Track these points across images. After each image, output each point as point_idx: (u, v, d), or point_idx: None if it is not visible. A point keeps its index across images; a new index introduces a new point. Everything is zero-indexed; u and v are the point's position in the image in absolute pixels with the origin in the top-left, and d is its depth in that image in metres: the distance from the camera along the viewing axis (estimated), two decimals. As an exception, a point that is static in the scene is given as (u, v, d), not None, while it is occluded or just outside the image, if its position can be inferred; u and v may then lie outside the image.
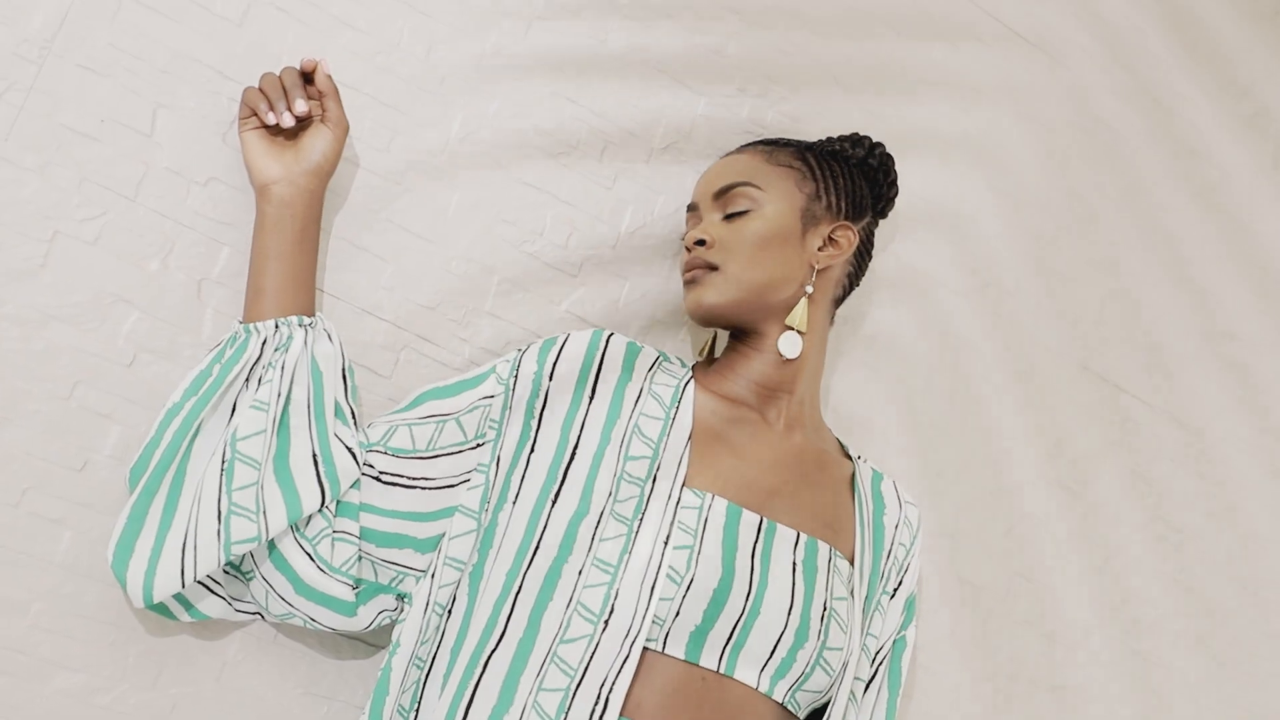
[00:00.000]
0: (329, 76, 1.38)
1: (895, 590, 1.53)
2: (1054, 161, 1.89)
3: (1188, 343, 1.98)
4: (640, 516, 1.33)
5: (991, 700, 1.78)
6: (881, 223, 1.65)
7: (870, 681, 1.51)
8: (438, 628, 1.36)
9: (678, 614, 1.30)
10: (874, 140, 1.59)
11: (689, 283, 1.48)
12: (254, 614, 1.38)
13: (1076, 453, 1.88)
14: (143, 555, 1.27)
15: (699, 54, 1.65)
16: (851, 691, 1.47)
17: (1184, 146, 2.00)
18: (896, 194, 1.62)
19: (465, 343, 1.50)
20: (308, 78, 1.39)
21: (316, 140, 1.37)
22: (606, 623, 1.28)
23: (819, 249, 1.49)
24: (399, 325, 1.47)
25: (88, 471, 1.33)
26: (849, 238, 1.51)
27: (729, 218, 1.48)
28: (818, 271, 1.49)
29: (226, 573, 1.35)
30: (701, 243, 1.47)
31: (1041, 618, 1.83)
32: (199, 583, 1.33)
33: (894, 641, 1.55)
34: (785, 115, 1.70)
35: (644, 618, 1.28)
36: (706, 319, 1.48)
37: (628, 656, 1.27)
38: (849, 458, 1.55)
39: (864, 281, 1.71)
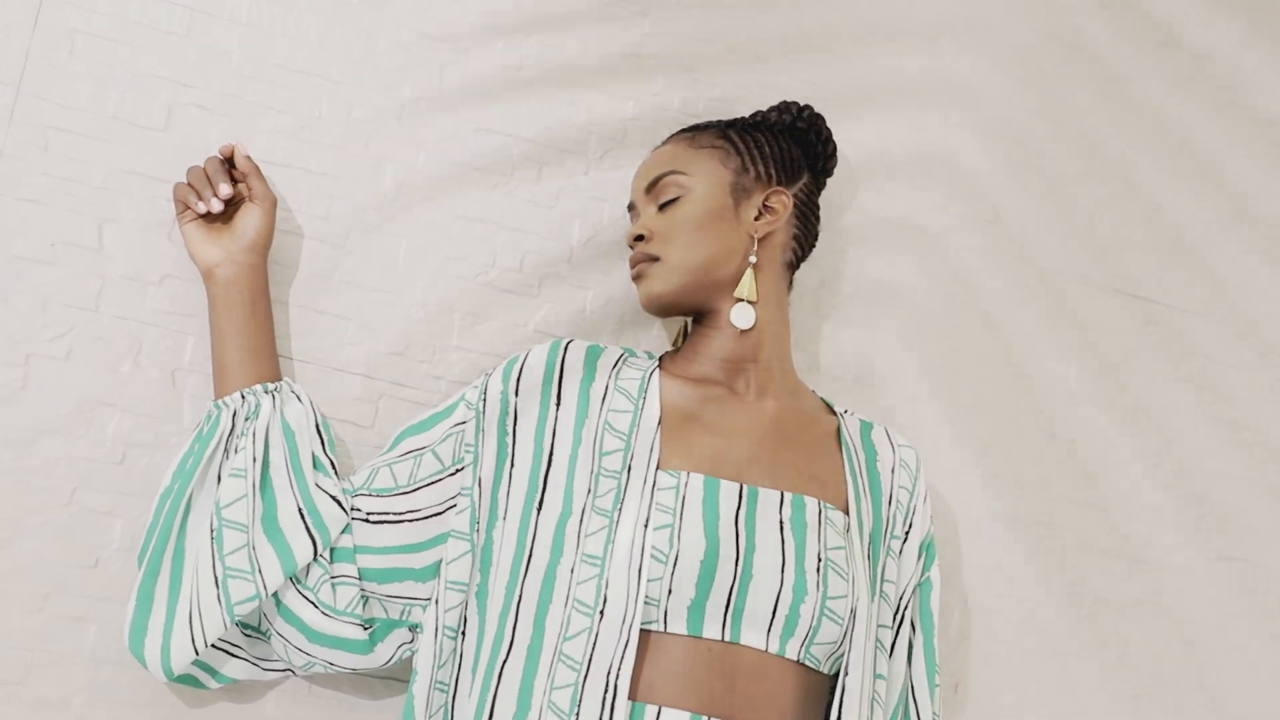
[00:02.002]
0: (247, 157, 1.47)
1: (907, 534, 1.53)
2: (1024, 82, 1.88)
3: (1198, 231, 1.94)
4: (619, 506, 1.37)
5: (1064, 625, 1.76)
6: (866, 179, 1.67)
7: (899, 627, 1.52)
8: (454, 650, 1.41)
9: (670, 591, 1.33)
10: (801, 104, 1.62)
11: (636, 278, 1.53)
12: (283, 670, 1.44)
13: (1104, 365, 1.86)
14: (156, 632, 1.35)
15: (617, 61, 1.70)
16: (879, 640, 1.48)
17: (1153, 39, 1.97)
18: (834, 150, 1.64)
19: (439, 379, 1.56)
20: (231, 163, 1.47)
21: (248, 218, 1.45)
22: (602, 613, 1.31)
23: (755, 218, 1.52)
24: (371, 376, 1.54)
25: (100, 567, 1.41)
26: (783, 202, 1.54)
27: (662, 208, 1.52)
28: (758, 240, 1.52)
29: (247, 635, 1.42)
30: (641, 238, 1.52)
31: (1098, 537, 1.80)
32: (219, 649, 1.40)
33: (918, 586, 1.55)
34: (717, 100, 1.73)
35: (636, 601, 1.31)
36: (659, 309, 1.52)
37: (628, 642, 1.30)
38: (834, 413, 1.57)
39: (861, 239, 1.74)
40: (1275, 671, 1.84)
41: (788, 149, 1.58)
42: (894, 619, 1.51)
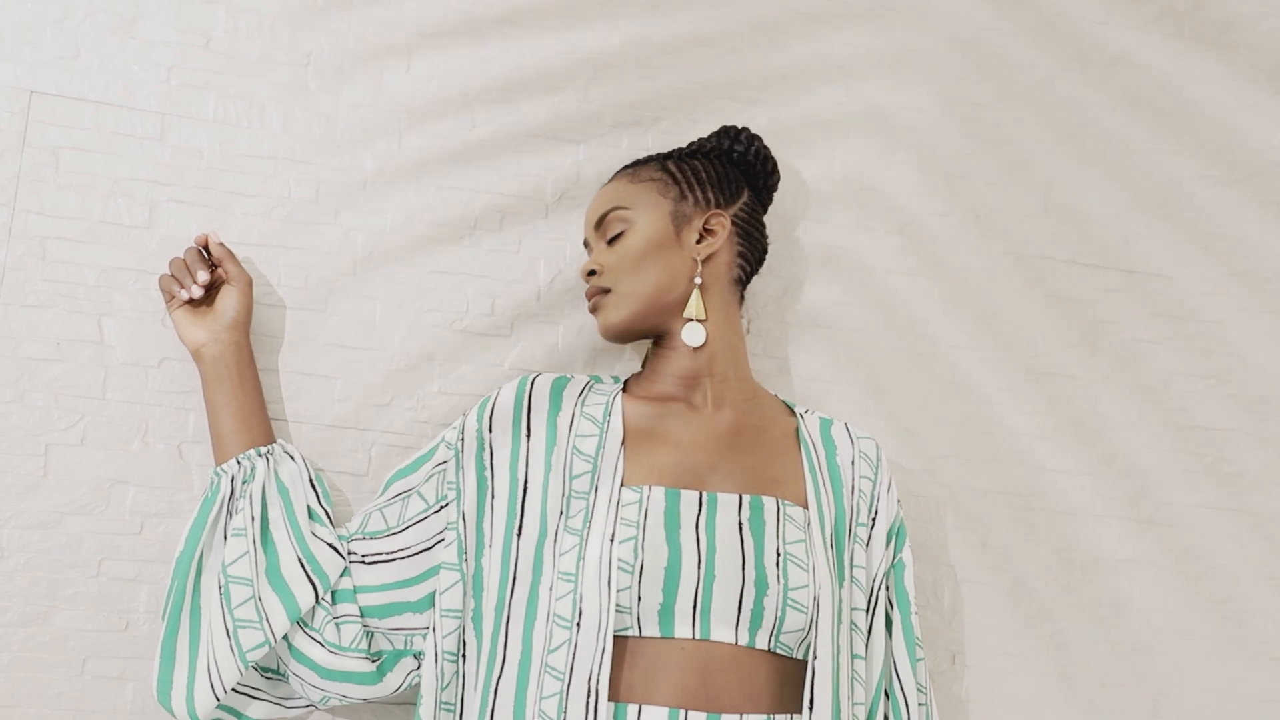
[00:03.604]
0: (220, 244, 1.61)
1: (873, 521, 1.62)
2: (945, 95, 1.96)
3: (1121, 201, 1.99)
4: (588, 524, 1.48)
5: (1057, 588, 1.83)
6: (817, 185, 1.77)
7: (874, 609, 1.60)
8: (456, 673, 1.53)
9: (640, 598, 1.43)
10: (738, 127, 1.73)
11: (593, 310, 1.64)
12: (305, 707, 1.58)
13: (1075, 336, 1.92)
14: (180, 684, 1.49)
15: (565, 108, 1.81)
16: (854, 623, 1.57)
17: (1054, 28, 2.04)
18: (774, 167, 1.74)
19: (425, 424, 1.69)
20: (207, 250, 1.61)
21: (227, 299, 1.59)
22: (579, 625, 1.43)
23: (697, 241, 1.63)
24: (362, 428, 1.67)
25: (131, 629, 1.56)
26: (721, 223, 1.64)
27: (610, 242, 1.64)
28: (701, 262, 1.62)
29: (267, 677, 1.56)
30: (593, 273, 1.63)
31: (1084, 501, 1.87)
32: (242, 693, 1.54)
33: (891, 568, 1.64)
34: (664, 134, 1.84)
35: (607, 611, 1.42)
36: (616, 336, 1.63)
37: (603, 649, 1.41)
38: (793, 414, 1.66)
39: (818, 243, 1.84)
40: (1272, 618, 1.89)
41: (724, 171, 1.68)
42: (868, 602, 1.60)
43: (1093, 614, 1.84)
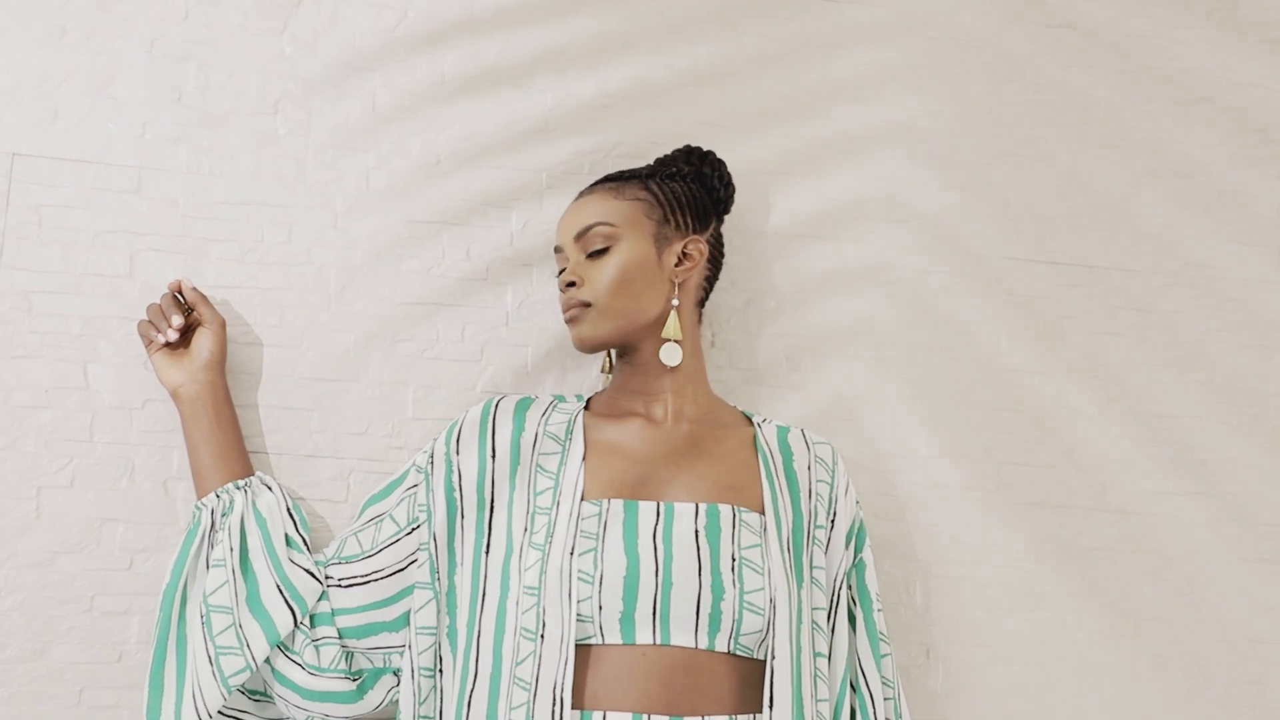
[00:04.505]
0: (194, 289, 1.70)
1: (832, 523, 1.67)
2: (950, 104, 2.01)
3: (1116, 191, 2.03)
4: (550, 539, 1.54)
5: (1030, 580, 1.87)
6: (780, 190, 1.86)
7: (835, 608, 1.65)
8: (434, 687, 1.59)
9: (601, 607, 1.49)
10: (702, 150, 1.79)
11: (570, 321, 1.68)
12: (294, 727, 1.65)
13: (1039, 332, 1.96)
14: (169, 710, 1.56)
15: (526, 139, 1.88)
16: (815, 622, 1.61)
17: (1042, 23, 2.07)
18: (734, 191, 1.80)
19: (401, 449, 1.76)
20: (181, 295, 1.70)
21: (201, 341, 1.67)
22: (543, 636, 1.49)
23: (675, 265, 1.69)
24: (339, 457, 1.74)
25: (124, 660, 1.64)
26: (700, 249, 1.70)
27: (591, 256, 1.68)
28: (678, 285, 1.68)
29: (255, 700, 1.63)
30: (573, 284, 1.67)
31: (1051, 492, 1.91)
32: (229, 716, 1.61)
33: (852, 567, 1.69)
34: (623, 157, 1.90)
35: (569, 622, 1.48)
36: (590, 349, 1.68)
37: (566, 659, 1.47)
38: (751, 423, 1.72)
39: (783, 249, 1.90)
40: (1247, 597, 1.92)
41: (700, 197, 1.74)
42: (829, 602, 1.65)
43: (1065, 603, 1.88)
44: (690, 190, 1.73)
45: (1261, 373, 1.99)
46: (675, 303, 1.67)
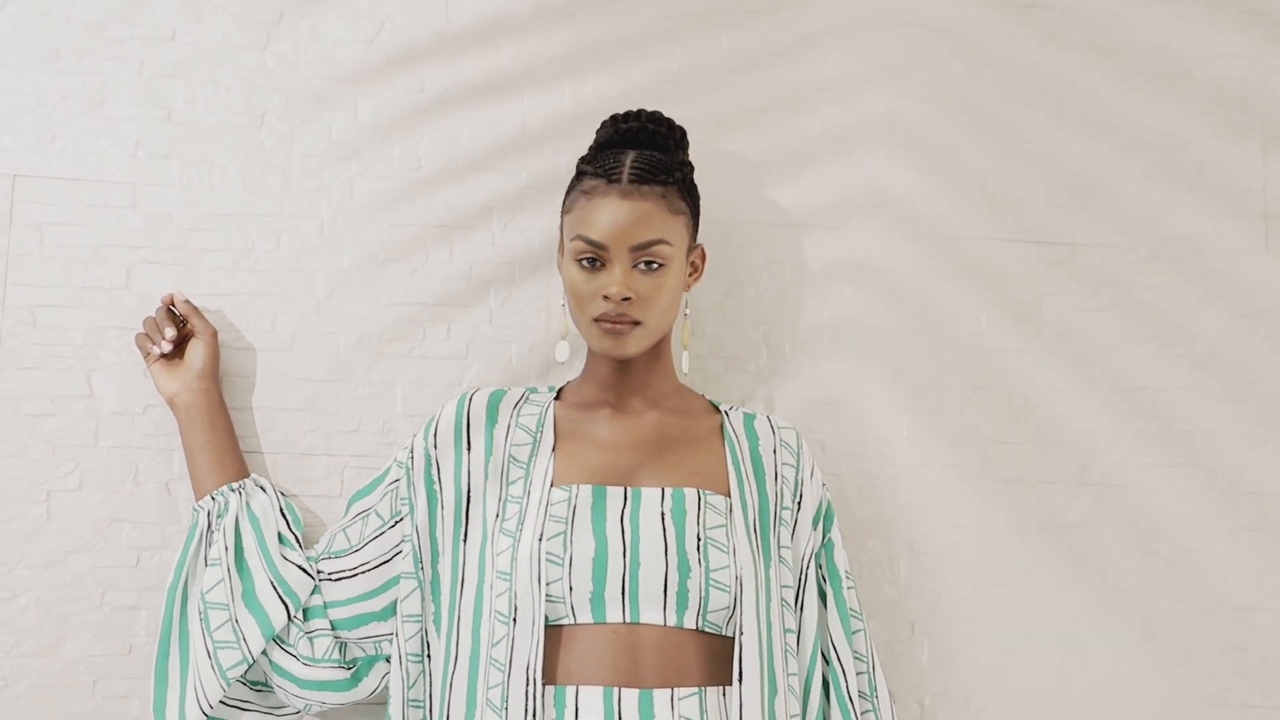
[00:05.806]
0: (186, 301, 1.79)
1: (799, 505, 1.71)
2: (926, 96, 2.04)
3: (1095, 170, 2.05)
4: (521, 525, 1.61)
5: (1014, 556, 1.91)
6: (753, 185, 1.90)
7: (803, 586, 1.70)
8: (422, 671, 1.67)
9: (571, 588, 1.56)
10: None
11: (613, 333, 1.63)
12: (294, 714, 1.73)
13: (1018, 312, 1.98)
14: (173, 702, 1.66)
15: (505, 141, 1.94)
16: (784, 599, 1.67)
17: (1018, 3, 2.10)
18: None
19: (391, 445, 1.83)
20: (174, 308, 1.78)
21: (195, 351, 1.76)
22: (515, 619, 1.56)
23: (689, 275, 1.74)
24: (332, 454, 1.82)
25: (134, 653, 1.74)
26: (704, 258, 1.77)
27: (641, 267, 1.64)
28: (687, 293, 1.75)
29: (256, 690, 1.72)
30: (628, 299, 1.62)
31: (1033, 468, 1.94)
32: (233, 706, 1.70)
33: (821, 547, 1.73)
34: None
35: (539, 604, 1.55)
36: (624, 360, 1.71)
37: (537, 639, 1.54)
38: (718, 411, 1.77)
39: (760, 241, 1.95)
40: (1231, 566, 1.94)
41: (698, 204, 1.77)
42: (797, 580, 1.70)
43: (1049, 577, 1.91)
44: (696, 194, 1.75)
45: (1244, 344, 2.01)
46: (688, 311, 1.73)
